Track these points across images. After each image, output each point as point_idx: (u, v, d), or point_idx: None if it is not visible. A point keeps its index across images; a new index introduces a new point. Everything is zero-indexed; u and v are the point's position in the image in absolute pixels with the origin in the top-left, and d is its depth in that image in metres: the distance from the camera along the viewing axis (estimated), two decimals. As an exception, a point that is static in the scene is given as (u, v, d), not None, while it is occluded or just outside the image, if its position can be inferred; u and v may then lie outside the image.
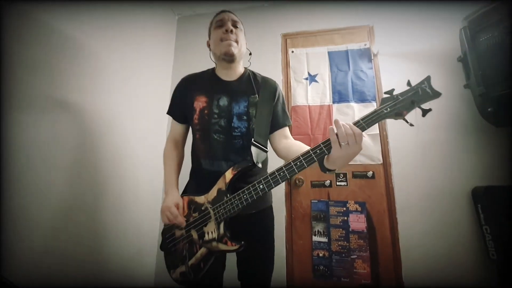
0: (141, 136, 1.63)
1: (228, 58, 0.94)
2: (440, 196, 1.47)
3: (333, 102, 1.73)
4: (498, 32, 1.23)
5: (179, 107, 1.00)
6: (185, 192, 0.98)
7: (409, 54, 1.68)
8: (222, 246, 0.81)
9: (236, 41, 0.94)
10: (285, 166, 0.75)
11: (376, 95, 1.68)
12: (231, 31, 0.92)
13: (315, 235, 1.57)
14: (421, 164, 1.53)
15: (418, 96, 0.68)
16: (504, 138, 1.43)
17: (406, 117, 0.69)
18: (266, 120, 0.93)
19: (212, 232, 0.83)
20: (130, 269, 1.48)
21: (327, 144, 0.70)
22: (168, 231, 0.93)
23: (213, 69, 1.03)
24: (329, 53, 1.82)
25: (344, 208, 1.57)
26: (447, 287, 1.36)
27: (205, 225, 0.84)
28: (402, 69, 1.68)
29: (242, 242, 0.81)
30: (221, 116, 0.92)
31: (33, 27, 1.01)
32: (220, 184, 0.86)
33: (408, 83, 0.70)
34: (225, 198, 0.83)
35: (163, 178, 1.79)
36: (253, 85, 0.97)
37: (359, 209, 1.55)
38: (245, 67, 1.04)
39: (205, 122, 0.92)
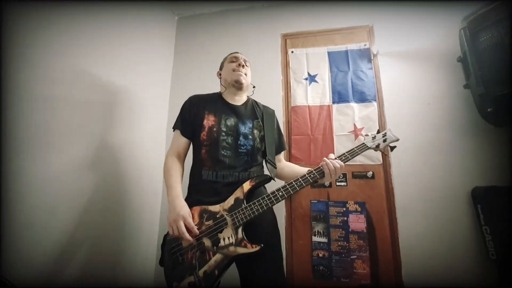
0: (141, 136, 1.63)
1: (238, 86, 1.10)
2: (440, 196, 1.47)
3: (333, 102, 1.73)
4: (498, 32, 1.23)
5: (189, 123, 1.07)
6: (193, 204, 0.96)
7: (409, 54, 1.68)
8: (241, 250, 0.84)
9: (245, 74, 1.12)
10: (301, 177, 0.93)
11: (376, 95, 1.68)
12: (243, 66, 1.12)
13: (314, 235, 1.57)
14: (421, 164, 1.53)
15: (385, 137, 1.03)
16: (504, 138, 1.42)
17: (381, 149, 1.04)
18: (273, 142, 1.13)
19: (229, 238, 0.87)
20: (130, 269, 1.48)
21: (320, 171, 0.94)
22: (172, 242, 0.92)
23: (219, 94, 1.16)
24: (328, 53, 1.82)
25: (344, 209, 1.56)
26: (447, 287, 1.35)
27: (220, 232, 0.88)
28: (402, 69, 1.67)
29: (262, 245, 0.85)
30: (228, 134, 1.03)
31: (31, 29, 1.02)
32: (238, 193, 0.93)
33: (378, 132, 1.06)
34: (243, 205, 0.90)
35: (163, 180, 1.82)
36: (256, 111, 1.13)
37: (359, 209, 1.55)
38: (248, 96, 1.19)
39: (214, 139, 1.01)
